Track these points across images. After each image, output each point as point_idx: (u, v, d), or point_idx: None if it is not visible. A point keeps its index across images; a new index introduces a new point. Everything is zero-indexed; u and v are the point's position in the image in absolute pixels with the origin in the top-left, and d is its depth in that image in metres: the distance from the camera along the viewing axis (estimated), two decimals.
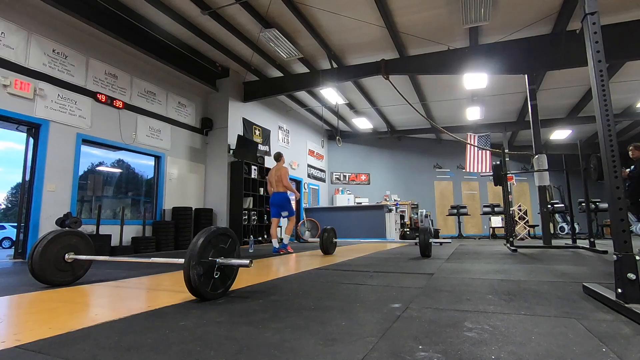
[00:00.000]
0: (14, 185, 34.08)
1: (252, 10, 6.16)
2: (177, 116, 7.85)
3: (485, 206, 11.33)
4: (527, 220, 10.01)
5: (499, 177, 5.80)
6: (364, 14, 6.30)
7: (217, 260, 1.96)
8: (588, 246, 5.07)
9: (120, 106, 6.47)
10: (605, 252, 4.58)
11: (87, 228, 5.63)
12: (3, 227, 14.82)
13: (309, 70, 8.36)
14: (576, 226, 9.25)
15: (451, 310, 1.67)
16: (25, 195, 5.23)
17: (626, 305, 1.52)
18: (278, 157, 6.04)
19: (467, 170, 11.80)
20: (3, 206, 32.87)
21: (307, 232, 10.07)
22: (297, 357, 1.10)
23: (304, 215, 10.82)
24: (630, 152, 5.23)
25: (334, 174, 13.95)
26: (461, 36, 6.99)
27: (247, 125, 9.13)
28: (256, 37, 6.95)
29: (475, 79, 8.03)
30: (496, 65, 6.77)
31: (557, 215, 11.23)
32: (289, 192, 5.86)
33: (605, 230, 11.12)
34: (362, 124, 12.46)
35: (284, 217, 5.86)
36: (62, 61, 5.64)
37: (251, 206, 8.53)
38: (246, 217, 8.30)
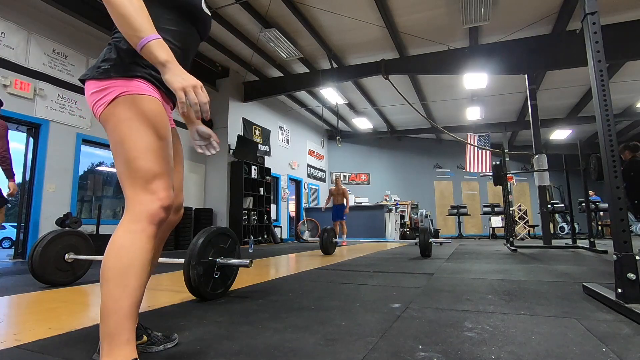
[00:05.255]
0: None
1: (252, 10, 6.16)
2: (177, 116, 7.84)
3: (485, 206, 11.34)
4: (527, 220, 10.01)
5: (499, 177, 5.80)
6: (364, 14, 6.30)
7: (217, 260, 1.97)
8: (588, 246, 5.07)
9: None
10: (605, 252, 4.58)
11: (87, 228, 5.63)
12: (3, 227, 14.80)
13: (309, 70, 8.37)
14: (576, 226, 9.24)
15: (451, 310, 1.67)
16: (25, 195, 5.23)
17: (626, 305, 1.52)
18: (338, 180, 8.49)
19: (467, 170, 11.80)
20: None
21: (307, 232, 10.07)
22: (297, 357, 1.10)
23: (304, 215, 10.82)
24: (622, 155, 5.13)
25: (334, 174, 13.96)
26: (461, 36, 6.99)
27: (247, 125, 9.13)
28: (256, 37, 6.96)
29: (475, 79, 8.03)
30: (496, 65, 6.77)
31: (557, 215, 11.23)
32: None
33: (605, 230, 11.12)
34: (362, 124, 12.46)
35: (340, 220, 8.16)
36: (62, 61, 5.64)
37: (251, 206, 8.53)
38: (246, 217, 8.30)
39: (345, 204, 8.16)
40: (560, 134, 12.54)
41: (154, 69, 1.03)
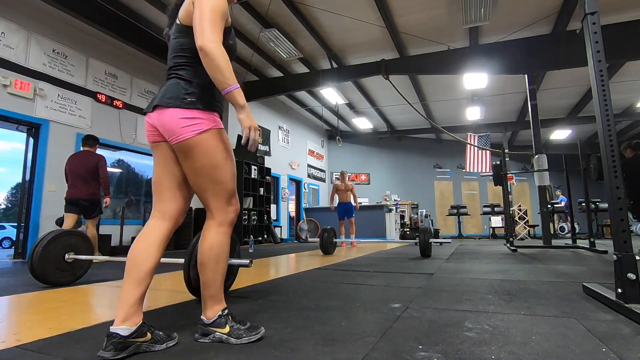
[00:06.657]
0: (14, 185, 34.02)
1: (252, 10, 6.16)
2: None
3: (485, 206, 11.33)
4: (527, 220, 10.01)
5: (499, 177, 5.80)
6: (364, 14, 6.30)
7: None
8: (588, 246, 5.07)
9: (120, 106, 6.47)
10: (605, 252, 4.58)
11: None
12: (3, 227, 14.81)
13: (309, 70, 8.36)
14: (576, 226, 9.23)
15: (451, 310, 1.67)
16: (25, 195, 5.23)
17: (626, 305, 1.52)
18: (344, 175, 7.67)
19: (467, 170, 11.80)
20: (3, 206, 32.82)
21: (306, 232, 10.07)
22: (297, 357, 1.10)
23: (304, 215, 10.82)
24: (625, 153, 5.12)
25: (334, 174, 13.95)
26: (461, 36, 6.99)
27: None
28: (256, 37, 6.95)
29: (475, 79, 8.02)
30: (496, 65, 6.77)
31: (557, 215, 11.23)
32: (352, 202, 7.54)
33: (605, 230, 11.11)
34: (362, 124, 12.46)
35: (348, 218, 7.44)
36: (62, 61, 5.64)
37: (251, 206, 8.53)
38: (246, 217, 8.30)
39: (353, 202, 7.55)
40: (560, 134, 12.53)
41: (220, 103, 1.37)
